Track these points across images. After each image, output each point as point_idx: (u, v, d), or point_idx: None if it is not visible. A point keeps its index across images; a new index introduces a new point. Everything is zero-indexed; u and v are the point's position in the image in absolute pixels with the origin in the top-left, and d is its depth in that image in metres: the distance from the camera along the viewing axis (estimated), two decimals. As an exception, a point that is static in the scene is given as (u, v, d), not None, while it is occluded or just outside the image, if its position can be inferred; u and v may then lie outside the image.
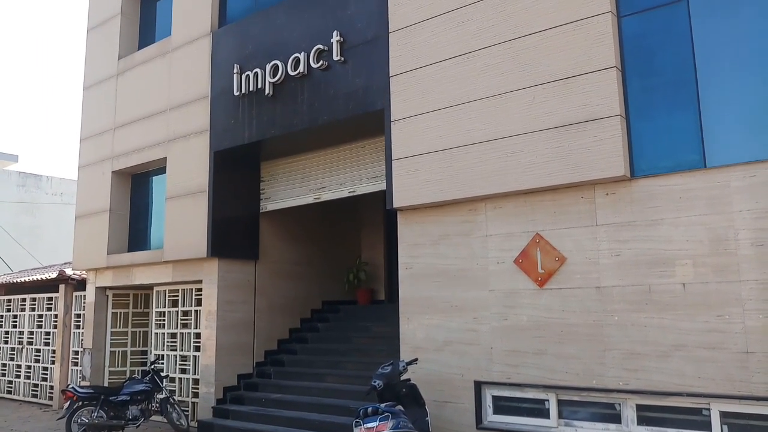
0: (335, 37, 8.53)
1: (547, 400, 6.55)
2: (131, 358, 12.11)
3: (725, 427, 5.56)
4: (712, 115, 5.91)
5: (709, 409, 5.65)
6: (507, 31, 6.96)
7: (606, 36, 6.34)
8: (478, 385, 6.95)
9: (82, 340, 12.33)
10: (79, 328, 12.77)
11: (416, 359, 7.14)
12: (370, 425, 5.83)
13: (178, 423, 9.48)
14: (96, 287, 11.96)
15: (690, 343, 5.71)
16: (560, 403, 6.49)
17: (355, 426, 5.93)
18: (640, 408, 6.02)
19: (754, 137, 5.67)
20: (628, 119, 6.30)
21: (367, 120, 8.47)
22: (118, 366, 11.95)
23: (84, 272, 12.51)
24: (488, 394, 6.95)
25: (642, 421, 6.00)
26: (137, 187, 12.00)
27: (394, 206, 7.73)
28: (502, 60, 6.96)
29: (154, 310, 11.30)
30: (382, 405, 6.07)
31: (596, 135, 6.24)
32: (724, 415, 5.57)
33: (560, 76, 6.54)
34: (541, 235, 6.67)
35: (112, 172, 11.80)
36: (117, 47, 12.22)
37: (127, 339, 12.10)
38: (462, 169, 7.15)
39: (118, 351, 12.00)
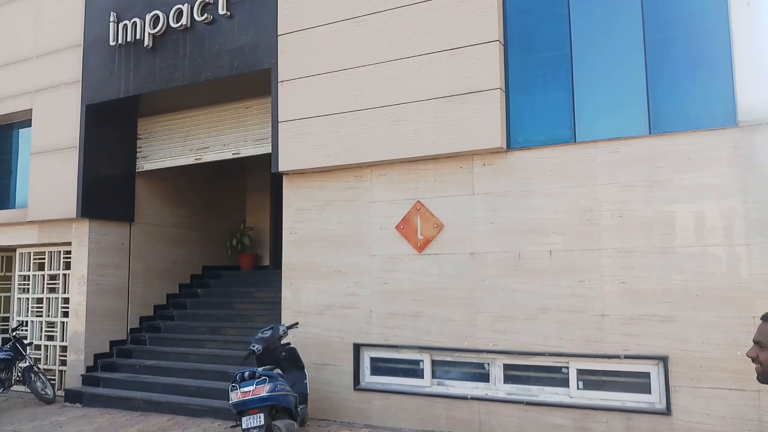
0: (221, -10, 8.17)
1: (422, 361, 6.79)
2: (-10, 325, 11.24)
3: (580, 383, 6.03)
4: (584, 92, 6.26)
5: (567, 367, 6.10)
6: (397, -3, 6.96)
7: (491, 9, 6.50)
8: (357, 348, 7.08)
9: (-69, 305, 11.25)
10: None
11: (297, 323, 7.14)
12: (246, 389, 5.78)
13: (42, 392, 8.95)
14: (-52, 248, 10.94)
15: (554, 306, 6.11)
16: (434, 363, 6.75)
17: (231, 390, 5.86)
18: (507, 367, 6.39)
19: (619, 116, 6.07)
20: (508, 93, 6.53)
21: (253, 79, 8.21)
22: (-26, 333, 11.05)
23: (-66, 232, 11.35)
24: (366, 356, 7.09)
25: (508, 379, 6.38)
26: (-2, 140, 11.02)
27: (279, 170, 7.61)
28: (391, 27, 6.97)
29: (17, 273, 10.51)
30: (260, 369, 6.03)
31: (477, 107, 6.43)
32: (580, 372, 6.04)
33: (446, 47, 6.65)
34: (422, 202, 6.83)
35: (-32, 122, 10.75)
36: (-26, -17, 11.03)
37: (-15, 305, 11.22)
38: (349, 134, 7.13)
39: (-25, 317, 11.10)
